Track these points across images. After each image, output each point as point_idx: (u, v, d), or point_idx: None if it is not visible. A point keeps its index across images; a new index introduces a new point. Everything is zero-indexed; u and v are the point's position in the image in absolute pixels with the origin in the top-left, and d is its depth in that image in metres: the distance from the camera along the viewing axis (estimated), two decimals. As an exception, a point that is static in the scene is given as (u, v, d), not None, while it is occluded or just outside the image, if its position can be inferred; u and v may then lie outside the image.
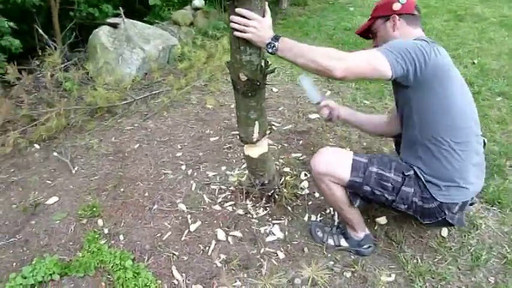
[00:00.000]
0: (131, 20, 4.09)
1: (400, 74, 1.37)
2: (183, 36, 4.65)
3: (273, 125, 2.88)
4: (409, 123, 1.55)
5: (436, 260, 1.71)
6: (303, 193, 2.15)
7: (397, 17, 1.60)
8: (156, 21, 4.95)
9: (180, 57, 4.11)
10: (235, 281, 1.67)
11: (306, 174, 2.30)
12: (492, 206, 1.98)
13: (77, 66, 3.68)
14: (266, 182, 2.00)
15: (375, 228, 1.90)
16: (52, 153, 2.71)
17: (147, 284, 1.63)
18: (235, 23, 1.42)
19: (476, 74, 3.36)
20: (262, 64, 1.57)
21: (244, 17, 1.40)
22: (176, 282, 1.69)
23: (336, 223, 1.93)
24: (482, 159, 1.58)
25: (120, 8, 4.01)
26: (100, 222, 2.05)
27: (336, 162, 1.57)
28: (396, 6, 1.61)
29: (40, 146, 2.84)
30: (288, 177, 2.19)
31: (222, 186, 2.25)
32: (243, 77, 1.58)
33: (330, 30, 5.03)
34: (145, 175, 2.40)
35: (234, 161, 2.49)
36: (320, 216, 2.02)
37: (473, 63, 3.56)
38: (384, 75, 1.37)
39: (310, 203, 2.09)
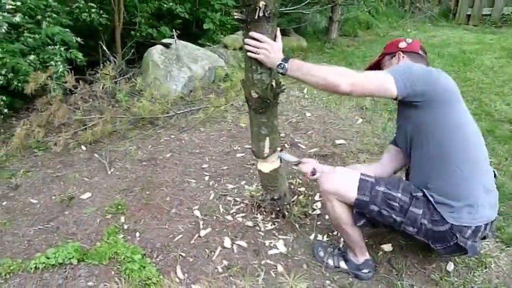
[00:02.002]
0: (182, 42, 4.43)
1: (406, 93, 1.43)
2: (230, 59, 4.92)
3: (299, 146, 2.96)
4: (418, 145, 1.57)
5: (434, 293, 1.67)
6: (314, 213, 2.19)
7: (401, 53, 1.72)
8: (208, 43, 5.30)
9: (225, 77, 4.37)
10: (232, 287, 1.75)
11: (321, 196, 2.34)
12: (508, 247, 1.89)
13: (130, 80, 4.06)
14: (276, 197, 2.08)
15: (379, 254, 1.89)
16: (94, 155, 3.00)
17: (150, 277, 1.76)
18: (249, 45, 1.56)
19: (518, 114, 3.22)
20: (273, 83, 1.69)
21: (257, 40, 1.54)
22: (177, 280, 1.80)
23: (340, 245, 1.94)
24: (493, 187, 1.55)
25: (174, 30, 4.36)
26: (122, 218, 2.24)
27: (343, 181, 1.62)
28: (402, 45, 1.74)
29: (86, 148, 3.15)
30: (301, 197, 2.25)
31: (237, 199, 2.36)
32: (254, 95, 1.70)
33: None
34: (171, 182, 2.58)
35: (255, 177, 2.59)
36: (327, 237, 2.04)
37: (517, 101, 3.41)
38: (389, 93, 1.44)
39: (319, 223, 2.13)
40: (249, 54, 1.59)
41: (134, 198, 2.43)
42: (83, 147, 3.15)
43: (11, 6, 3.20)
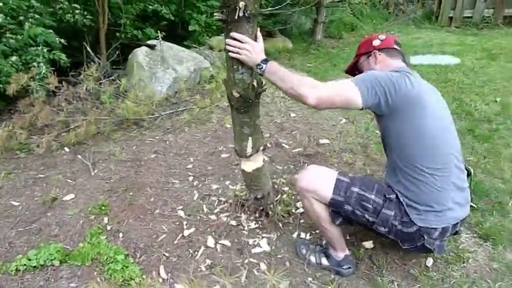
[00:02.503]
0: (167, 43, 4.43)
1: (370, 104, 1.47)
2: (216, 60, 4.93)
3: (283, 146, 2.99)
4: (388, 149, 1.64)
5: (414, 287, 1.71)
6: (297, 211, 2.22)
7: (377, 52, 1.74)
8: (194, 45, 5.30)
9: (210, 79, 4.37)
10: (215, 285, 1.76)
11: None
12: (485, 242, 1.94)
13: (114, 82, 4.03)
14: (260, 196, 2.09)
15: (360, 250, 1.92)
16: (78, 156, 2.97)
17: (132, 277, 1.76)
18: (230, 45, 1.58)
19: (496, 112, 3.29)
20: (255, 83, 1.71)
21: (238, 40, 1.56)
22: (160, 280, 1.80)
23: (322, 242, 1.97)
24: (464, 187, 1.59)
25: (159, 31, 4.35)
26: (106, 219, 2.23)
27: (319, 180, 1.65)
28: (376, 43, 1.76)
29: (70, 149, 3.12)
30: (284, 196, 2.27)
31: (221, 198, 2.37)
32: (236, 94, 1.72)
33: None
34: (155, 182, 2.58)
35: (239, 176, 2.60)
36: (310, 236, 2.07)
37: (496, 101, 3.50)
38: (354, 106, 1.48)
39: (302, 221, 2.16)
40: (230, 54, 1.60)
41: (118, 199, 2.42)
42: (66, 149, 3.12)
43: (-8, 7, 3.16)
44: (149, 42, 4.52)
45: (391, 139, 1.57)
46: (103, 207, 2.31)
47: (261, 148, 1.97)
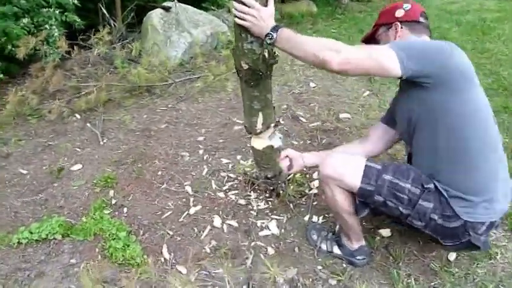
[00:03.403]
0: (183, 5, 4.20)
1: (412, 72, 1.24)
2: (235, 24, 4.68)
3: (300, 120, 2.82)
4: (424, 131, 1.39)
5: (432, 283, 1.57)
6: (310, 192, 2.08)
7: (399, 24, 1.49)
8: (212, 7, 5.05)
9: (227, 44, 4.16)
10: (218, 269, 1.67)
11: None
12: (516, 236, 1.77)
13: (128, 45, 3.89)
14: (270, 175, 1.95)
15: (376, 239, 1.78)
16: (87, 124, 2.90)
17: (133, 257, 1.69)
18: (236, 9, 1.40)
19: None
20: (266, 54, 1.53)
21: (245, 4, 1.37)
22: (162, 260, 1.73)
23: (335, 229, 1.84)
24: (508, 178, 1.40)
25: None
26: (111, 193, 2.16)
27: (346, 167, 1.45)
28: (399, 13, 1.50)
29: (80, 116, 3.05)
30: (297, 175, 2.13)
31: (231, 175, 2.25)
32: (245, 66, 1.55)
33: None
34: (164, 154, 2.48)
35: (251, 151, 2.47)
36: (322, 219, 1.94)
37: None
38: (391, 72, 1.25)
39: (315, 203, 2.02)
40: (236, 20, 1.42)
41: (125, 171, 2.34)
42: (77, 116, 3.05)
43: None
44: (165, 4, 4.30)
45: (431, 120, 1.33)
46: (109, 180, 2.23)
47: (272, 125, 1.81)
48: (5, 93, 3.32)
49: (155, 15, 4.01)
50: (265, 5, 1.39)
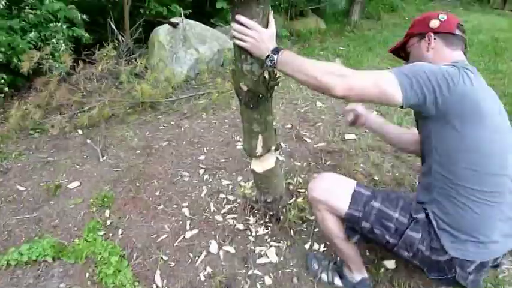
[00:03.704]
0: (191, 21, 4.21)
1: (413, 102, 1.17)
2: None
3: (305, 140, 2.74)
4: (428, 159, 1.33)
5: (440, 322, 1.46)
6: (312, 218, 1.99)
7: (432, 35, 1.38)
8: (221, 23, 5.05)
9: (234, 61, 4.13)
10: (212, 299, 1.59)
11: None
12: (531, 272, 1.65)
13: (136, 61, 3.88)
14: (269, 200, 1.88)
15: (380, 271, 1.68)
16: (87, 140, 2.86)
17: (124, 284, 1.62)
18: (236, 30, 1.35)
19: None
20: (266, 75, 1.47)
21: (245, 25, 1.32)
22: (154, 287, 1.65)
23: (336, 259, 1.74)
24: None
25: (181, 9, 4.14)
26: (107, 213, 2.10)
27: (334, 191, 1.41)
28: (434, 24, 1.39)
29: (83, 132, 3.02)
30: (299, 199, 2.05)
31: (230, 197, 2.18)
32: (244, 87, 1.50)
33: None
34: (163, 174, 2.42)
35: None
36: (324, 247, 1.85)
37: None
38: (392, 101, 1.18)
39: (316, 230, 1.93)
40: (235, 41, 1.37)
41: (123, 190, 2.29)
42: (79, 131, 3.02)
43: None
44: (173, 19, 4.31)
45: (434, 148, 1.27)
46: (105, 199, 2.18)
47: (273, 148, 1.74)
48: (9, 107, 3.31)
49: (162, 31, 4.02)
50: (266, 26, 1.34)
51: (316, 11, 5.67)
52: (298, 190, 2.15)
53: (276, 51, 1.29)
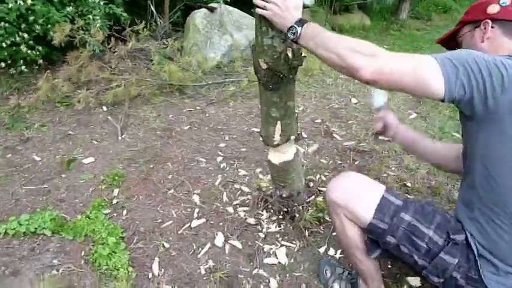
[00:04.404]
0: (229, 7, 4.08)
1: (457, 95, 0.93)
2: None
3: (334, 137, 2.53)
4: (470, 170, 1.08)
5: None
6: (330, 220, 1.79)
7: (490, 22, 1.12)
8: (260, 13, 4.88)
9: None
10: (209, 296, 1.44)
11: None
12: None
13: (169, 43, 3.81)
14: (285, 195, 1.71)
15: (402, 288, 1.47)
16: (108, 117, 2.80)
17: (117, 268, 1.50)
18: (256, -3, 1.18)
19: None
20: (289, 53, 1.30)
21: (268, -10, 1.15)
22: (150, 276, 1.52)
23: (352, 270, 1.54)
24: None
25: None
26: (115, 192, 2.01)
27: (358, 194, 1.19)
28: (492, 9, 1.13)
29: (107, 108, 2.97)
30: (319, 198, 1.86)
31: (245, 188, 2.02)
32: (263, 65, 1.33)
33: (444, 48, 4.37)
34: (179, 158, 2.30)
35: (273, 165, 2.23)
36: (340, 254, 1.65)
37: None
38: (431, 93, 0.94)
39: (334, 233, 1.73)
40: (256, 10, 1.21)
41: (136, 170, 2.19)
42: (104, 108, 2.97)
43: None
44: (212, 4, 4.20)
45: (480, 157, 1.03)
46: (117, 177, 2.09)
47: (293, 137, 1.56)
48: (43, 79, 3.33)
49: (198, 15, 3.92)
50: (292, -5, 1.17)
51: (363, 7, 5.38)
52: (319, 188, 1.96)
53: (300, 22, 1.11)
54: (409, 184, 2.04)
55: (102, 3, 3.50)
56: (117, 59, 3.46)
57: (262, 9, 1.19)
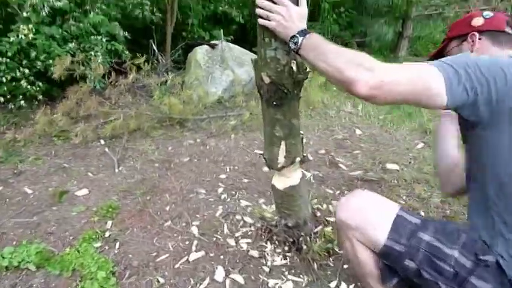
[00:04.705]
0: (230, 44, 4.13)
1: (461, 101, 0.86)
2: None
3: (339, 166, 2.43)
4: (480, 187, 0.99)
5: None
6: (341, 252, 1.65)
7: (477, 34, 1.14)
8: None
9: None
10: (208, 338, 1.27)
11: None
12: None
13: (170, 79, 3.81)
14: (291, 224, 1.58)
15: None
16: (106, 149, 2.72)
17: (105, 306, 1.35)
18: (261, 7, 1.14)
19: None
20: (293, 66, 1.23)
21: (272, 1, 1.10)
22: (141, 315, 1.37)
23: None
24: None
25: (222, 32, 4.08)
26: (109, 224, 1.88)
27: (370, 214, 1.08)
28: (477, 22, 1.16)
29: (105, 142, 2.89)
30: (328, 228, 1.72)
31: (248, 219, 1.89)
32: (266, 79, 1.26)
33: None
34: (178, 189, 2.19)
35: (277, 195, 2.11)
36: (353, 288, 1.49)
37: None
38: (433, 101, 0.87)
39: (345, 266, 1.59)
40: (259, 21, 1.16)
41: (132, 201, 2.07)
42: (101, 141, 2.90)
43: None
44: (213, 42, 4.26)
45: (485, 168, 0.94)
46: (111, 209, 1.96)
47: (298, 159, 1.46)
48: (40, 113, 3.28)
49: (200, 51, 3.96)
50: (297, 4, 1.12)
51: (362, 44, 5.48)
52: (327, 218, 1.82)
53: (303, 32, 1.05)
54: (422, 213, 1.91)
55: (104, 40, 3.54)
56: (117, 94, 3.44)
57: (265, 19, 1.14)
